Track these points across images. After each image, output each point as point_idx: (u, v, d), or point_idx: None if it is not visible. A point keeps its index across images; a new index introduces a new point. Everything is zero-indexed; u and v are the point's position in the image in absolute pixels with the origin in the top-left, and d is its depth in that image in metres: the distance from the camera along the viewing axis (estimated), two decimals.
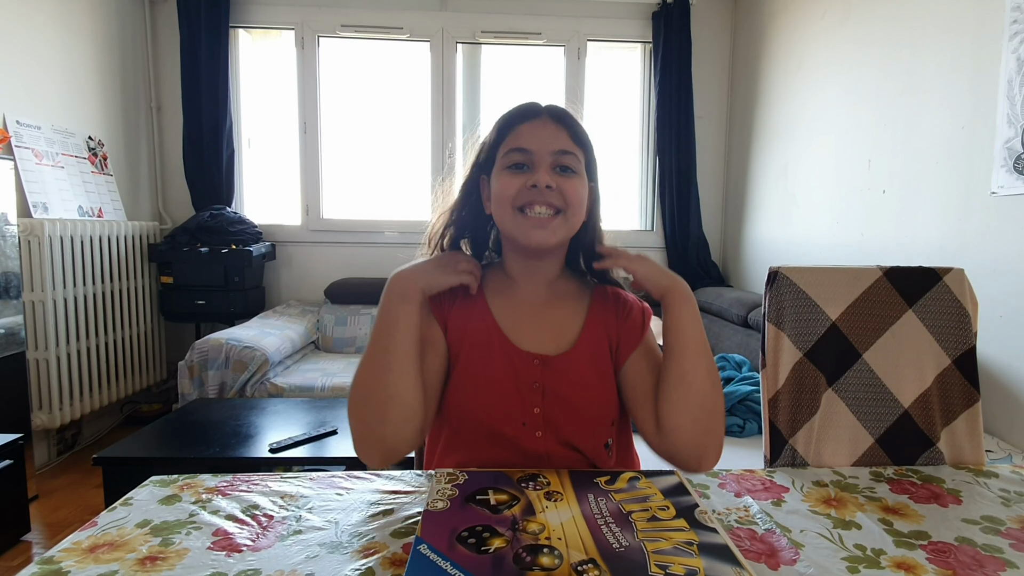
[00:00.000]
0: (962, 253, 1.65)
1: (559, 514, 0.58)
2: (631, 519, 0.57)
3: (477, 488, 0.62)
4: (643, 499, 0.61)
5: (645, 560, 0.51)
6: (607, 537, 0.54)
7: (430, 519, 0.56)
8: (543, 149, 0.74)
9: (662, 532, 0.55)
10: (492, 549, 0.52)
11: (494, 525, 0.55)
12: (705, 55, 3.15)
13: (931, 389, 0.85)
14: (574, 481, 0.65)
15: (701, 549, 0.52)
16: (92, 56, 2.65)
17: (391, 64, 3.18)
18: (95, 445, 2.57)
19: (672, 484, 0.65)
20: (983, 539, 0.60)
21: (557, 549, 0.52)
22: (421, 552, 0.51)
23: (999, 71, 1.53)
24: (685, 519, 0.57)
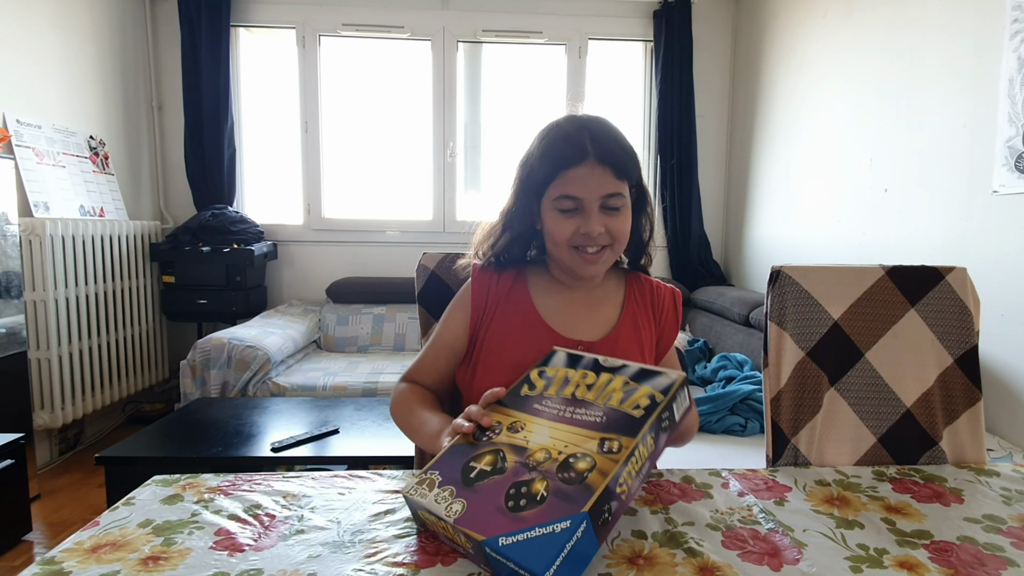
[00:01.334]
0: (963, 252, 1.65)
1: (537, 433, 0.62)
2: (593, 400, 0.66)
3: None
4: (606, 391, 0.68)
5: (626, 414, 0.61)
6: (583, 418, 0.62)
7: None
8: (592, 196, 0.79)
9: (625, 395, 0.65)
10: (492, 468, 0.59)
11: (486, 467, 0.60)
12: (706, 54, 3.15)
13: (933, 388, 0.85)
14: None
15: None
16: (93, 55, 2.65)
17: (392, 63, 3.18)
18: (97, 445, 2.57)
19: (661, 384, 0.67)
20: (985, 538, 0.60)
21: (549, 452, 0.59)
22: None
23: (1000, 70, 1.53)
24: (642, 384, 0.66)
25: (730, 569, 0.53)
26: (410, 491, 0.58)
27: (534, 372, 0.72)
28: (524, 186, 0.85)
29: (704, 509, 0.64)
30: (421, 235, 3.16)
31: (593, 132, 0.80)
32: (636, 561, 0.54)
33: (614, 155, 0.79)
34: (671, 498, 0.66)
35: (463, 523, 0.52)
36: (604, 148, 0.79)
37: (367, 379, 2.42)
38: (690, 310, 2.93)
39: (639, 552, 0.55)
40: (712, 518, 0.62)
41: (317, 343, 2.94)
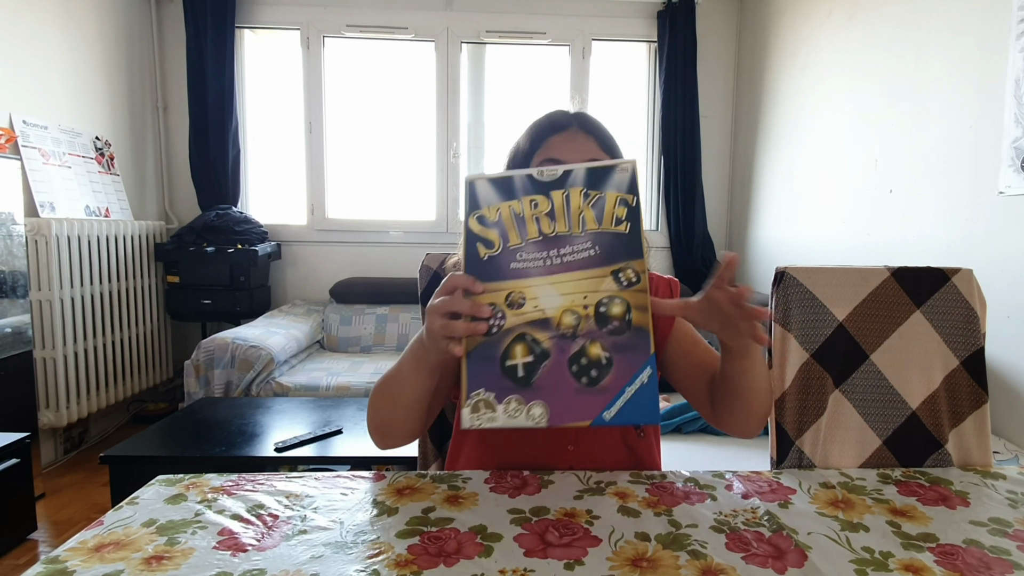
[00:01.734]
0: (969, 253, 1.64)
1: (544, 297, 0.57)
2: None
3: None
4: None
5: (614, 234, 0.57)
6: (577, 258, 0.57)
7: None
8: (574, 160, 0.77)
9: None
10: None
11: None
12: (710, 54, 3.14)
13: (939, 390, 0.85)
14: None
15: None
16: (99, 56, 2.67)
17: (395, 64, 3.19)
18: (102, 444, 2.58)
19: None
20: (991, 541, 0.60)
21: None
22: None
23: (1006, 70, 1.52)
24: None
25: (734, 572, 0.53)
26: (474, 423, 0.55)
27: (472, 222, 0.59)
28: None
29: (708, 511, 0.64)
30: (424, 235, 3.17)
31: (577, 112, 0.82)
32: (639, 563, 0.53)
33: (599, 129, 0.80)
34: (675, 500, 0.66)
35: (558, 421, 0.54)
36: (588, 121, 0.81)
37: (370, 379, 2.42)
38: None
39: (642, 554, 0.55)
40: (716, 520, 0.62)
41: (320, 343, 2.94)
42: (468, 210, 0.60)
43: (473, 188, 0.59)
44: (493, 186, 0.59)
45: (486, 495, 0.66)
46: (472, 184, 0.60)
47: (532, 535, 0.58)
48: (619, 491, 0.68)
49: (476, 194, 0.60)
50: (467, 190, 0.60)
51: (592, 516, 0.62)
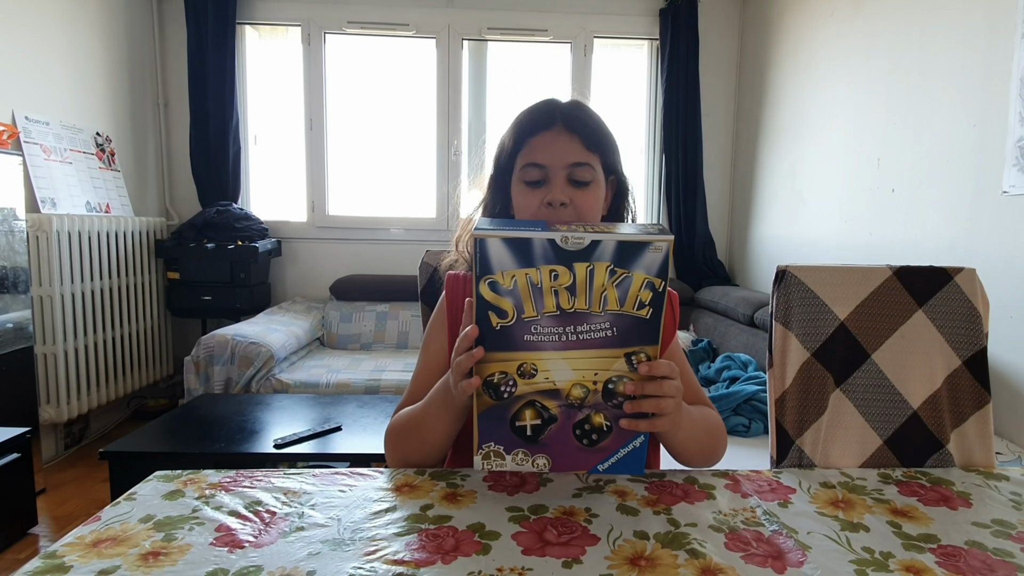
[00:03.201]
0: (972, 253, 1.63)
1: (556, 370, 0.58)
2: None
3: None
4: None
5: (634, 318, 0.56)
6: (592, 337, 0.57)
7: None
8: (557, 164, 0.75)
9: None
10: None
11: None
12: (713, 52, 3.13)
13: (941, 390, 0.84)
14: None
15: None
16: (100, 52, 2.66)
17: (397, 61, 3.18)
18: (102, 439, 2.59)
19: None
20: (994, 543, 0.59)
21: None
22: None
23: (1011, 69, 1.51)
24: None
25: (733, 571, 0.52)
26: (485, 467, 0.62)
27: (484, 288, 0.54)
28: (497, 170, 0.82)
29: (707, 510, 0.64)
30: (425, 232, 3.16)
31: (564, 104, 0.78)
32: (638, 562, 0.53)
33: (584, 125, 0.76)
34: (674, 499, 0.66)
35: (558, 469, 0.62)
36: (573, 117, 0.76)
37: (370, 376, 2.42)
38: (694, 310, 2.92)
39: (641, 553, 0.55)
40: (715, 519, 0.62)
41: (320, 340, 2.94)
42: (479, 273, 0.54)
43: (485, 248, 0.53)
44: (507, 247, 0.53)
45: (484, 493, 0.66)
46: (483, 243, 0.53)
47: (530, 533, 0.57)
48: (618, 490, 0.67)
49: (488, 255, 0.53)
50: (476, 248, 0.53)
51: (591, 515, 0.61)
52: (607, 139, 0.79)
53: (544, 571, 0.51)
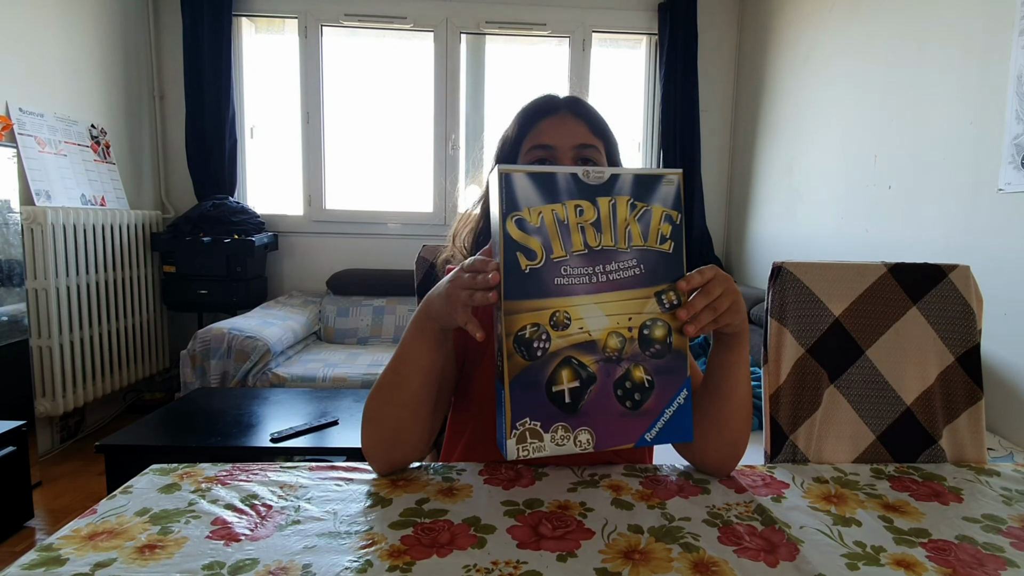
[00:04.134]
0: (968, 250, 1.64)
1: (589, 318, 0.56)
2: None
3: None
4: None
5: (659, 253, 0.57)
6: (622, 276, 0.56)
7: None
8: (564, 144, 0.76)
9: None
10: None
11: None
12: (711, 48, 3.13)
13: (934, 387, 0.85)
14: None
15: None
16: (95, 44, 2.64)
17: (394, 55, 3.17)
18: (98, 433, 2.58)
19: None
20: (984, 537, 0.60)
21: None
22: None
23: (1008, 66, 1.51)
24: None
25: (726, 565, 0.53)
26: (520, 454, 0.55)
27: (511, 226, 0.54)
28: (499, 160, 0.82)
29: (701, 504, 0.64)
30: (422, 227, 3.16)
31: (568, 96, 0.80)
32: (632, 555, 0.54)
33: (588, 112, 0.78)
34: (668, 493, 0.66)
35: (603, 445, 0.56)
36: (579, 105, 0.79)
37: (367, 371, 2.42)
38: None
39: (635, 546, 0.55)
40: (709, 514, 0.62)
41: (317, 334, 2.94)
42: (505, 210, 0.54)
43: (511, 183, 0.54)
44: (533, 183, 0.54)
45: (480, 487, 0.66)
46: (509, 178, 0.54)
47: (525, 527, 0.58)
48: (613, 484, 0.68)
49: (514, 191, 0.54)
50: (502, 183, 0.54)
51: (585, 508, 0.62)
52: (609, 131, 0.80)
53: (539, 564, 0.52)
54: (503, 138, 0.82)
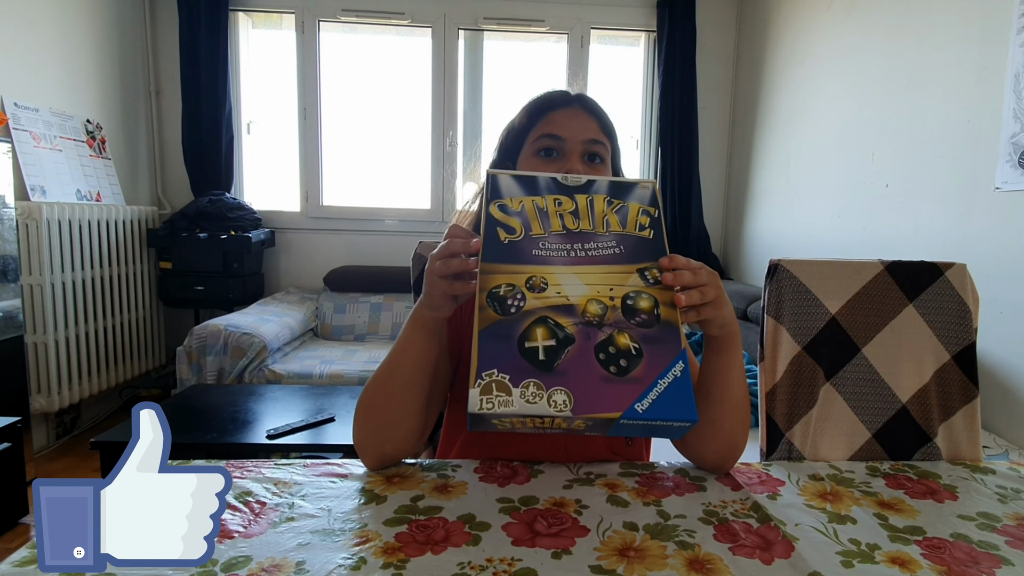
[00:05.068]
0: (964, 249, 1.64)
1: (567, 284, 0.54)
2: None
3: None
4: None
5: (638, 237, 0.58)
6: (601, 253, 0.56)
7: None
8: (575, 137, 0.76)
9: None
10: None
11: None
12: (710, 45, 3.12)
13: (930, 384, 0.85)
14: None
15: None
16: (90, 37, 2.62)
17: (392, 52, 3.15)
18: (94, 429, 2.57)
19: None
20: (979, 535, 0.60)
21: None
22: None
23: (1006, 65, 1.51)
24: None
25: (721, 562, 0.53)
26: (484, 406, 0.48)
27: (494, 208, 0.57)
28: (502, 153, 0.82)
29: (697, 502, 0.64)
30: (419, 224, 3.15)
31: (580, 93, 0.81)
32: (627, 553, 0.53)
33: (600, 111, 0.79)
34: (664, 492, 0.66)
35: (583, 411, 0.48)
36: (591, 102, 0.79)
37: (363, 368, 2.42)
38: None
39: (630, 544, 0.55)
40: (705, 511, 0.62)
41: (314, 331, 2.94)
42: (489, 198, 0.58)
43: (495, 180, 0.59)
44: (516, 181, 0.59)
45: (475, 484, 0.66)
46: (494, 177, 0.59)
47: (521, 524, 0.58)
48: (609, 482, 0.68)
49: (498, 185, 0.59)
50: (488, 182, 0.59)
51: (581, 506, 0.62)
52: (616, 134, 0.81)
53: (534, 562, 0.51)
54: (508, 127, 0.82)
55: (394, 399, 0.67)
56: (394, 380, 0.67)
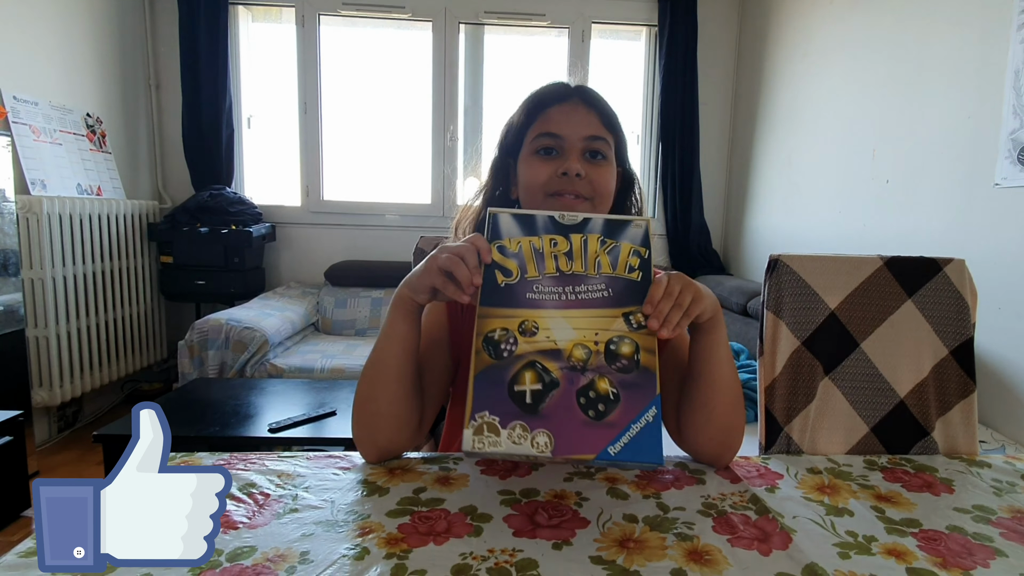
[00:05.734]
0: (963, 245, 1.65)
1: (556, 329, 0.59)
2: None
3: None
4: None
5: (627, 280, 0.61)
6: (590, 297, 0.60)
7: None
8: (574, 135, 0.74)
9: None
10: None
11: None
12: (711, 40, 3.11)
13: (927, 379, 0.85)
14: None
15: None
16: (90, 30, 2.62)
17: (393, 46, 3.14)
18: (96, 423, 2.58)
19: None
20: (974, 528, 0.60)
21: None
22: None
23: (1006, 61, 1.51)
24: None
25: (719, 553, 0.53)
26: (476, 446, 0.55)
27: (494, 251, 0.62)
28: (503, 151, 0.80)
29: (696, 495, 0.65)
30: (420, 219, 3.15)
31: (579, 85, 0.79)
32: (626, 544, 0.54)
33: (601, 103, 0.77)
34: (663, 485, 0.67)
35: (562, 452, 0.54)
36: (590, 94, 0.77)
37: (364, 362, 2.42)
38: None
39: (629, 535, 0.56)
40: (704, 504, 0.63)
41: (315, 326, 2.94)
42: (489, 239, 0.62)
43: (496, 220, 0.63)
44: (515, 221, 0.63)
45: (477, 477, 0.67)
46: (495, 217, 0.64)
47: (521, 516, 0.58)
48: (609, 476, 0.68)
49: (499, 225, 0.63)
50: (489, 221, 0.63)
51: (581, 498, 0.62)
52: (620, 125, 0.79)
53: (535, 552, 0.52)
54: (508, 125, 0.80)
55: (382, 387, 0.68)
56: (381, 367, 0.68)
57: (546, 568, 0.50)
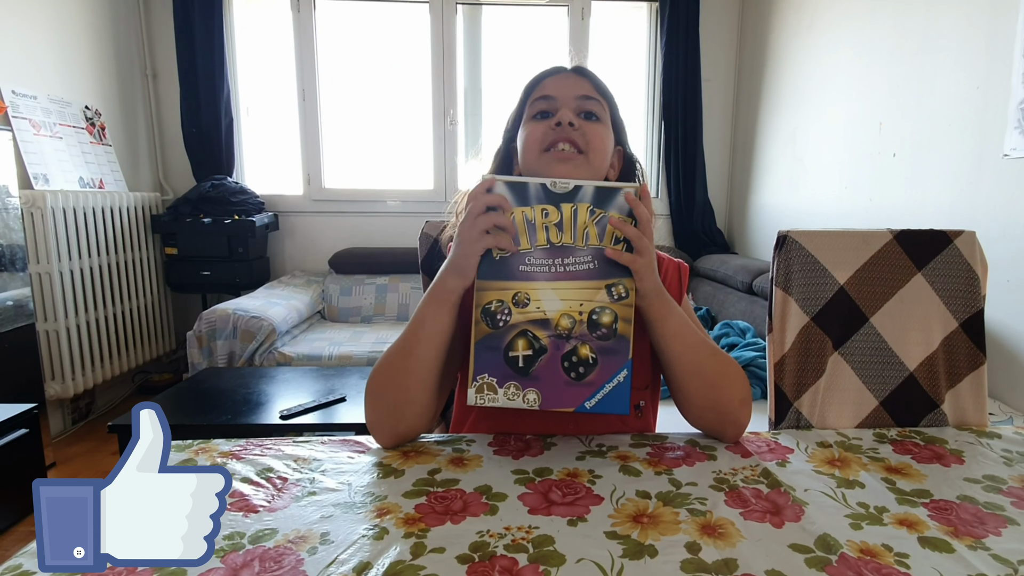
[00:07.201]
0: (972, 217, 1.63)
1: (546, 300, 0.65)
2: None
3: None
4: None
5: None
6: (578, 269, 0.65)
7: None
8: (567, 94, 0.77)
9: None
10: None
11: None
12: (713, 14, 3.06)
13: (937, 352, 0.85)
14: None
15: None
16: (85, 22, 2.59)
17: (390, 30, 3.10)
18: (109, 414, 2.62)
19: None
20: (985, 497, 0.61)
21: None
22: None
23: (1016, 30, 1.48)
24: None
25: (732, 527, 0.54)
26: (477, 402, 0.64)
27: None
28: (506, 138, 0.83)
29: (707, 470, 0.65)
30: (422, 204, 3.14)
31: (575, 66, 0.82)
32: (640, 519, 0.55)
33: (594, 76, 0.80)
34: (675, 461, 0.67)
35: (547, 406, 0.64)
36: (584, 69, 0.81)
37: (372, 348, 2.44)
38: (693, 278, 2.93)
39: (643, 511, 0.56)
40: (715, 479, 0.63)
41: (321, 313, 2.95)
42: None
43: (491, 190, 0.67)
44: (509, 189, 0.66)
45: (490, 457, 0.68)
46: (491, 187, 0.68)
47: (536, 494, 0.59)
48: (620, 454, 0.69)
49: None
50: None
51: (594, 476, 0.63)
52: (611, 94, 0.81)
53: (550, 529, 0.53)
54: (510, 115, 0.83)
55: (411, 377, 0.68)
56: (412, 357, 0.68)
57: (562, 544, 0.51)
